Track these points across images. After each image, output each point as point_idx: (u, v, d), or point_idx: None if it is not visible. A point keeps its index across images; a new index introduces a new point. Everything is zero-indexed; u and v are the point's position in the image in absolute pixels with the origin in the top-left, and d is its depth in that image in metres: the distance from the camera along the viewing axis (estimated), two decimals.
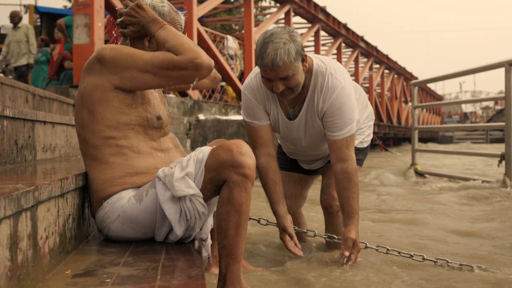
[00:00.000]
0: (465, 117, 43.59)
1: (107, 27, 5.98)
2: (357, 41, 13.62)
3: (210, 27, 9.38)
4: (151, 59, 1.60)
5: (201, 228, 1.71)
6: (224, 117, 6.60)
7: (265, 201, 3.31)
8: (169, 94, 5.76)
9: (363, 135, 2.48)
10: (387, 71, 17.77)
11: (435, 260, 2.21)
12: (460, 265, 2.16)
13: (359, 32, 14.51)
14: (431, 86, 29.92)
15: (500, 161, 4.95)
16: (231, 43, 8.59)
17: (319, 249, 2.51)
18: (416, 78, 21.22)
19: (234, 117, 6.85)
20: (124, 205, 1.61)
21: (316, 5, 10.45)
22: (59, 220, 1.41)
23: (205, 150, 1.61)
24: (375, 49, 15.56)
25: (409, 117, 21.15)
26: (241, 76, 8.51)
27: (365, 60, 15.34)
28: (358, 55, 14.15)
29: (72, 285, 1.21)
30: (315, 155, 2.50)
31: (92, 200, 1.69)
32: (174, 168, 1.59)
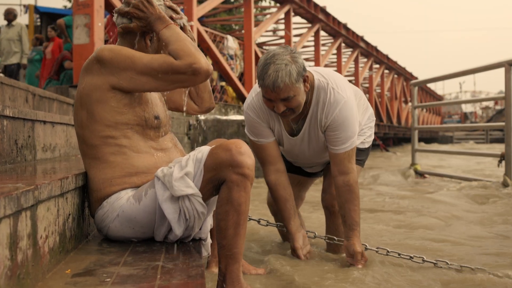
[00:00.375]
0: (465, 117, 43.58)
1: (107, 27, 5.98)
2: (357, 41, 13.62)
3: (210, 27, 9.38)
4: (150, 62, 1.60)
5: (200, 227, 1.71)
6: (224, 117, 6.60)
7: (265, 201, 3.31)
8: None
9: (364, 136, 2.49)
10: (387, 71, 17.77)
11: (434, 261, 2.21)
12: (460, 266, 2.15)
13: (359, 32, 14.52)
14: (431, 86, 29.93)
15: (500, 161, 4.95)
16: (231, 43, 8.59)
17: (319, 249, 2.51)
18: (416, 78, 21.22)
19: (234, 117, 6.86)
20: (123, 205, 1.62)
21: (316, 5, 10.45)
22: (59, 219, 1.41)
23: (204, 149, 1.62)
24: (375, 49, 15.56)
25: (409, 117, 21.15)
26: (241, 76, 8.51)
27: (365, 60, 15.34)
28: (358, 55, 14.15)
29: (72, 284, 1.21)
30: (318, 162, 2.52)
31: (91, 199, 1.69)
32: (173, 167, 1.59)
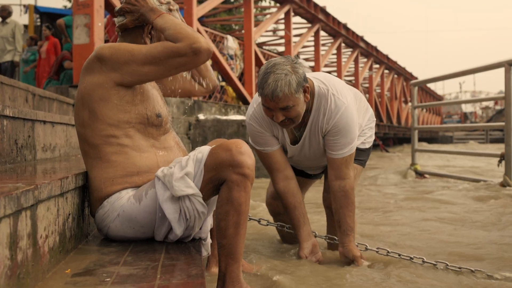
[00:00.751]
0: (465, 117, 43.59)
1: (107, 27, 5.98)
2: (357, 41, 13.62)
3: (210, 27, 9.38)
4: (149, 51, 1.60)
5: (200, 227, 1.71)
6: (224, 117, 6.60)
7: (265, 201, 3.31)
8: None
9: (364, 136, 2.49)
10: (387, 71, 17.77)
11: (434, 262, 2.21)
12: (459, 268, 2.15)
13: (359, 32, 14.52)
14: (431, 86, 29.94)
15: (500, 161, 4.95)
16: (231, 43, 8.58)
17: (320, 249, 2.50)
18: (416, 78, 21.23)
19: (234, 117, 6.86)
20: (123, 205, 1.62)
21: (316, 5, 10.45)
22: (59, 219, 1.41)
23: (205, 149, 1.62)
24: (375, 49, 15.57)
25: (409, 117, 21.15)
26: (241, 76, 8.51)
27: (365, 60, 15.35)
28: (358, 55, 14.16)
29: (71, 284, 1.21)
30: (319, 166, 2.53)
31: (92, 199, 1.69)
32: (173, 168, 1.59)
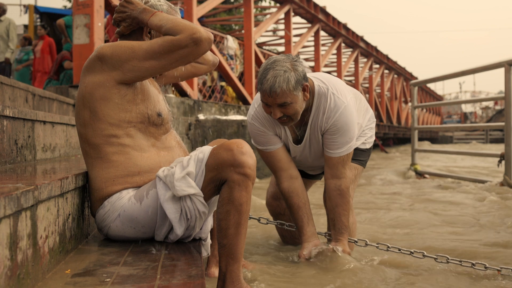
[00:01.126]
0: (465, 117, 43.60)
1: (107, 27, 5.98)
2: (357, 41, 13.62)
3: (210, 27, 9.38)
4: (150, 46, 1.60)
5: (201, 227, 1.71)
6: (224, 117, 6.60)
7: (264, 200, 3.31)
8: (168, 94, 5.76)
9: (365, 137, 2.50)
10: (387, 71, 17.77)
11: (434, 256, 2.20)
12: (459, 261, 2.15)
13: (359, 32, 14.56)
14: (431, 86, 29.95)
15: (499, 161, 4.95)
16: (231, 43, 8.58)
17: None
18: (416, 78, 21.23)
19: (234, 117, 6.86)
20: (124, 205, 1.61)
21: (316, 5, 10.45)
22: (59, 219, 1.41)
23: (206, 149, 1.62)
24: (375, 49, 15.56)
25: (408, 117, 21.15)
26: (241, 76, 8.51)
27: (365, 60, 15.34)
28: (358, 55, 14.15)
29: (71, 284, 1.20)
30: (319, 166, 2.53)
31: (92, 199, 1.69)
32: (174, 167, 1.59)
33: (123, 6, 1.71)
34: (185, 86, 6.03)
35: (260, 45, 12.37)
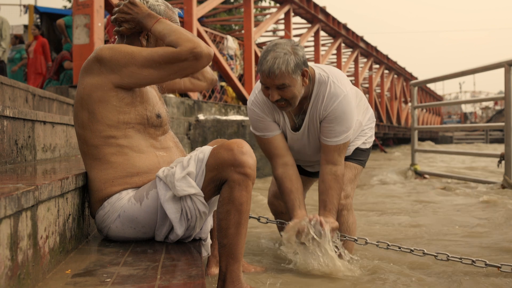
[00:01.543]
0: (464, 117, 43.62)
1: (107, 27, 5.98)
2: (357, 41, 13.62)
3: (210, 27, 9.38)
4: (150, 55, 1.60)
5: (201, 228, 1.71)
6: (223, 117, 6.60)
7: (265, 200, 3.30)
8: (168, 94, 5.76)
9: (365, 136, 2.49)
10: (387, 71, 17.77)
11: (435, 254, 2.20)
12: (459, 258, 2.15)
13: (359, 32, 14.56)
14: (431, 86, 29.95)
15: (499, 161, 4.95)
16: (231, 43, 8.59)
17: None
18: (416, 78, 21.23)
19: (233, 117, 6.86)
20: (124, 205, 1.61)
21: (316, 5, 10.45)
22: (59, 220, 1.41)
23: (206, 149, 1.62)
24: (375, 49, 15.57)
25: (408, 117, 21.15)
26: (241, 76, 8.51)
27: (365, 60, 15.35)
28: (358, 55, 14.16)
29: (72, 284, 1.21)
30: (317, 161, 2.52)
31: (92, 200, 1.69)
32: (174, 168, 1.59)
33: (128, 7, 1.69)
34: None
35: (260, 45, 12.37)
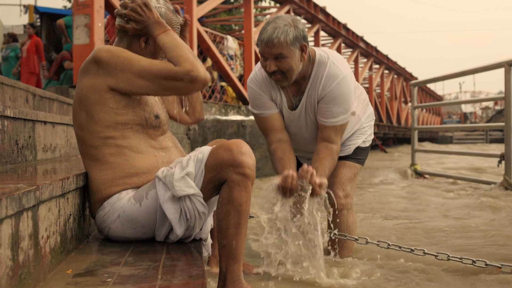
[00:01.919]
0: (464, 117, 43.62)
1: (107, 27, 5.98)
2: (357, 41, 13.63)
3: (210, 27, 9.38)
4: (148, 66, 1.60)
5: (201, 228, 1.71)
6: (224, 117, 6.60)
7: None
8: None
9: (365, 135, 2.49)
10: (386, 72, 17.77)
11: (435, 254, 2.20)
12: (460, 258, 2.15)
13: (359, 32, 14.56)
14: (431, 86, 29.95)
15: (499, 161, 4.95)
16: (231, 44, 8.59)
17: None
18: (416, 78, 21.23)
19: (234, 117, 6.86)
20: (124, 205, 1.62)
21: (316, 5, 10.46)
22: (60, 219, 1.41)
23: (205, 150, 1.62)
24: (375, 49, 15.57)
25: (408, 117, 21.15)
26: (241, 76, 8.51)
27: (365, 60, 15.35)
28: (358, 55, 14.16)
29: (73, 284, 1.21)
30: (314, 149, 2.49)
31: (92, 200, 1.69)
32: (174, 168, 1.59)
33: (142, 9, 1.67)
34: None
35: None
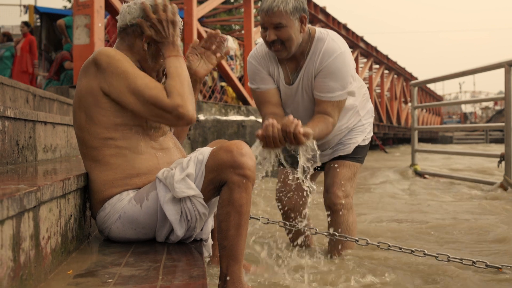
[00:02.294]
0: (464, 117, 43.63)
1: (107, 28, 5.98)
2: (357, 41, 13.63)
3: (210, 28, 9.39)
4: (142, 88, 1.59)
5: (201, 228, 1.71)
6: (224, 118, 6.61)
7: (265, 199, 3.31)
8: None
9: (364, 133, 2.50)
10: (386, 72, 17.77)
11: (436, 255, 2.20)
12: (460, 259, 2.16)
13: (359, 32, 14.52)
14: (431, 86, 29.95)
15: (499, 161, 4.95)
16: (231, 44, 8.56)
17: (320, 248, 2.51)
18: (416, 78, 21.22)
19: (234, 117, 6.86)
20: (124, 206, 1.62)
21: (316, 5, 10.45)
22: (61, 220, 1.42)
23: (205, 151, 1.62)
24: (375, 49, 15.57)
25: (408, 117, 21.15)
26: (241, 76, 8.51)
27: (365, 60, 15.34)
28: (358, 56, 14.15)
29: (74, 285, 1.21)
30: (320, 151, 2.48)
31: (92, 201, 1.69)
32: (174, 169, 1.60)
33: (168, 26, 1.68)
34: None
35: None
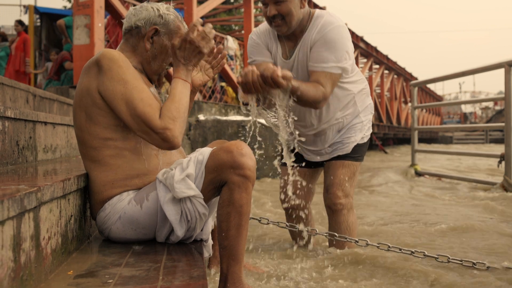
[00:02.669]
0: (464, 117, 43.63)
1: (107, 28, 5.99)
2: (356, 41, 13.62)
3: None
4: (136, 101, 1.57)
5: (202, 229, 1.71)
6: (224, 118, 6.61)
7: (265, 199, 3.31)
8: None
9: (363, 130, 2.50)
10: (386, 72, 17.77)
11: (436, 256, 2.21)
12: (460, 261, 2.16)
13: (358, 32, 14.54)
14: (431, 86, 29.94)
15: (499, 162, 4.96)
16: (231, 44, 8.60)
17: (321, 248, 2.51)
18: (416, 78, 21.22)
19: (234, 117, 6.86)
20: (125, 207, 1.62)
21: (316, 5, 10.45)
22: (61, 221, 1.42)
23: (205, 151, 1.62)
24: (375, 49, 15.56)
25: (408, 117, 21.15)
26: None
27: (365, 60, 15.34)
28: (358, 56, 14.14)
29: (74, 285, 1.21)
30: (321, 150, 2.49)
31: (92, 202, 1.69)
32: (174, 169, 1.60)
33: (197, 55, 1.68)
34: None
35: None
